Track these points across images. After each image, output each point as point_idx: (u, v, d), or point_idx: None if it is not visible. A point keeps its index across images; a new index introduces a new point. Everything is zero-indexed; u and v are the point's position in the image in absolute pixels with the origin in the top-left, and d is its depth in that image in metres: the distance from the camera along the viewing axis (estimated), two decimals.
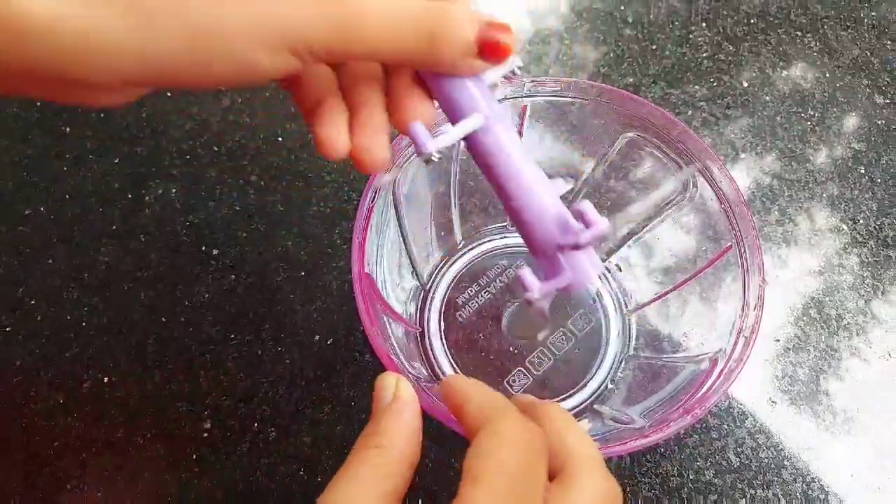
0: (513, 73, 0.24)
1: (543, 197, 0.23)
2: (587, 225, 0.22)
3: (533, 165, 0.24)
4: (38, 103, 0.51)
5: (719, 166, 0.34)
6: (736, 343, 0.31)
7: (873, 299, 0.45)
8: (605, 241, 0.45)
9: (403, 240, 0.41)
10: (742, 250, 0.32)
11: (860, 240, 0.47)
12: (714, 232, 0.36)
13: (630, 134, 0.38)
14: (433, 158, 0.22)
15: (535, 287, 0.23)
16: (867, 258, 0.46)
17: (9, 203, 0.47)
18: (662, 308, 0.42)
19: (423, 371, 0.42)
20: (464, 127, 0.23)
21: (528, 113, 0.39)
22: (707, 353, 0.34)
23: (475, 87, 0.23)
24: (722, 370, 0.30)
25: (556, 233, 0.23)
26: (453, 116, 0.23)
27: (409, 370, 0.35)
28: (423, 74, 0.23)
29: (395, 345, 0.36)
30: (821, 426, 0.42)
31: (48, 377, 0.43)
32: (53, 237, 0.46)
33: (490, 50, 0.21)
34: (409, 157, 0.37)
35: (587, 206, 0.22)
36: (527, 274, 0.23)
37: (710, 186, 0.34)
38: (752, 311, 0.31)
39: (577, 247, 0.23)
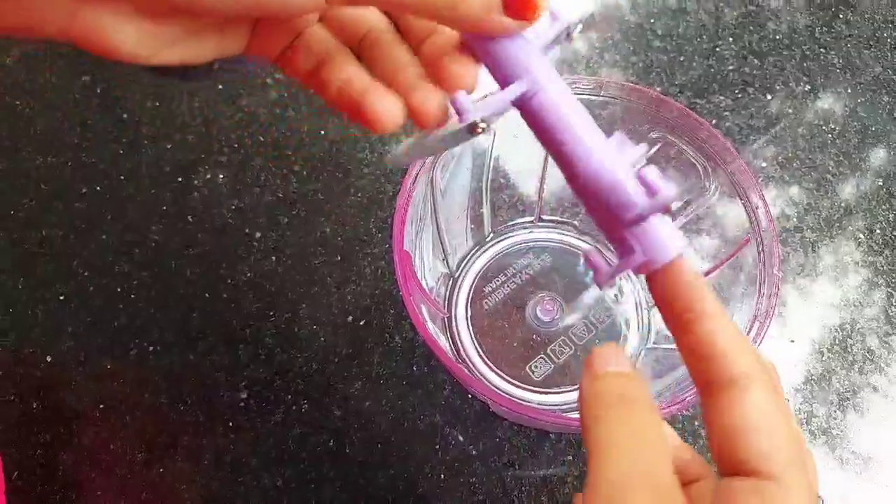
0: (568, 34, 0.22)
1: (605, 163, 0.21)
2: (650, 193, 0.20)
3: (594, 130, 0.22)
4: (98, 90, 0.54)
5: (739, 163, 0.36)
6: (750, 328, 0.32)
7: (885, 304, 0.46)
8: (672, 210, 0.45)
9: (437, 228, 0.44)
10: (759, 241, 0.34)
11: (876, 249, 0.48)
12: (734, 227, 0.38)
13: (656, 134, 0.40)
14: (479, 129, 0.21)
15: (603, 270, 0.22)
16: (882, 266, 0.48)
17: (67, 181, 0.50)
18: None
19: (449, 350, 0.44)
20: (511, 91, 0.21)
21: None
22: None
23: (521, 49, 0.21)
24: None
25: (619, 205, 0.21)
26: (501, 82, 0.22)
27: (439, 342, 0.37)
28: (466, 37, 0.22)
29: (427, 322, 0.38)
30: (832, 424, 0.43)
31: (97, 343, 0.45)
32: (108, 215, 0.49)
33: (514, 6, 0.20)
34: (451, 152, 0.39)
35: (650, 172, 0.20)
36: (594, 254, 0.23)
37: (731, 182, 0.36)
38: (768, 297, 0.32)
39: (639, 219, 0.21)
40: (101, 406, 0.44)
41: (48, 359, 0.45)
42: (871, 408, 0.44)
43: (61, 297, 0.47)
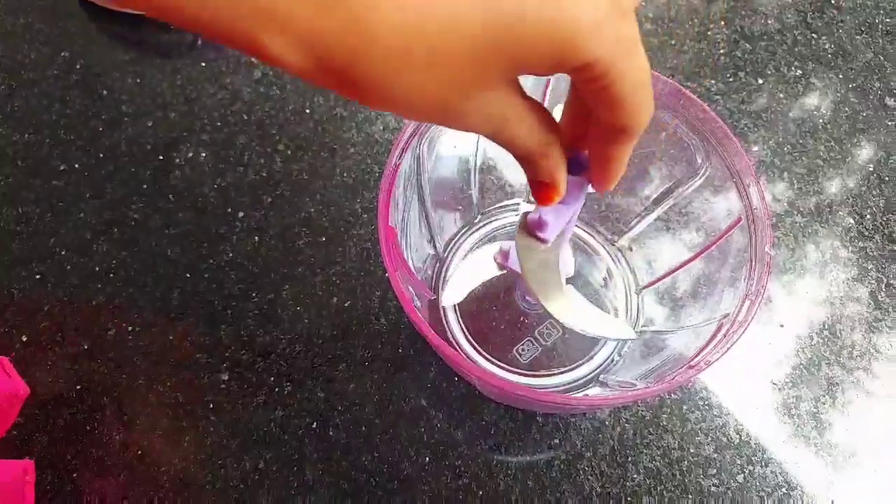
0: None
1: None
2: None
3: None
4: (78, 66, 0.53)
5: (731, 142, 0.35)
6: (741, 307, 0.32)
7: (874, 290, 0.46)
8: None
9: (424, 207, 0.43)
10: (751, 219, 0.34)
11: (866, 234, 0.48)
12: (724, 208, 0.38)
13: None
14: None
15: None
16: (872, 252, 0.47)
17: (45, 158, 0.49)
18: (672, 285, 0.43)
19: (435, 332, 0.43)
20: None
21: (549, 88, 0.40)
22: (714, 318, 0.35)
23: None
24: (727, 332, 0.32)
25: None
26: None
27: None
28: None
29: (415, 299, 0.37)
30: (821, 409, 0.43)
31: (74, 323, 0.44)
32: (86, 193, 0.48)
33: (534, 192, 0.25)
34: (437, 130, 0.38)
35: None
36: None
37: (723, 161, 0.36)
38: (759, 276, 0.32)
39: None
40: (78, 387, 0.42)
41: (23, 338, 0.44)
42: (860, 392, 0.43)
43: (38, 276, 0.45)
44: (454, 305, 0.44)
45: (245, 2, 0.16)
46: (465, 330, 0.44)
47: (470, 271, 0.45)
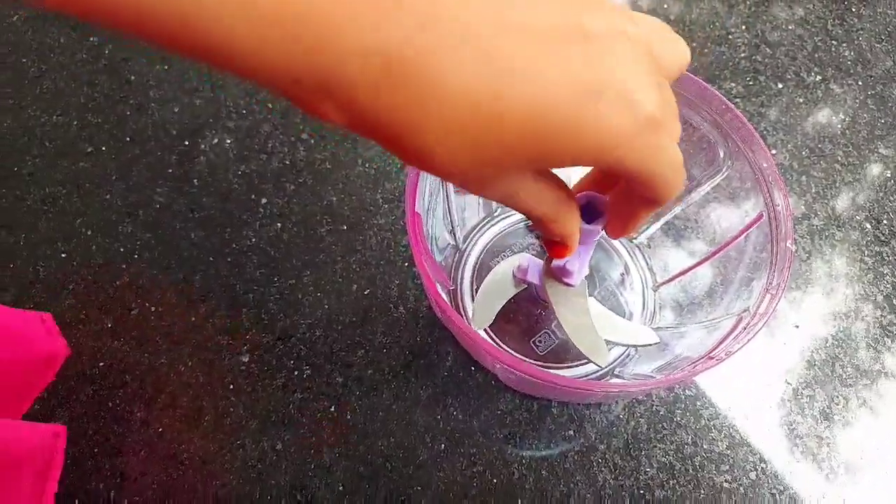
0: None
1: None
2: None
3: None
4: (106, 51, 0.54)
5: (754, 138, 0.36)
6: (762, 300, 0.32)
7: (882, 295, 0.47)
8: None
9: (447, 198, 0.43)
10: (772, 216, 0.34)
11: (883, 239, 0.48)
12: (745, 204, 0.38)
13: None
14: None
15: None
16: (889, 257, 0.48)
17: (73, 140, 0.50)
18: (689, 281, 0.44)
19: None
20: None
21: None
22: (732, 313, 0.35)
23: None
24: (747, 325, 0.32)
25: None
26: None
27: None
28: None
29: (439, 285, 0.38)
30: (835, 409, 0.43)
31: (98, 302, 0.45)
32: (112, 175, 0.49)
33: (547, 248, 0.27)
34: None
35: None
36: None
37: (745, 157, 0.36)
38: (780, 271, 0.32)
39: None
40: (101, 364, 0.43)
41: None
42: (873, 394, 0.44)
43: (63, 255, 0.46)
44: (473, 297, 0.45)
45: (307, 70, 0.16)
46: None
47: (493, 291, 0.44)
